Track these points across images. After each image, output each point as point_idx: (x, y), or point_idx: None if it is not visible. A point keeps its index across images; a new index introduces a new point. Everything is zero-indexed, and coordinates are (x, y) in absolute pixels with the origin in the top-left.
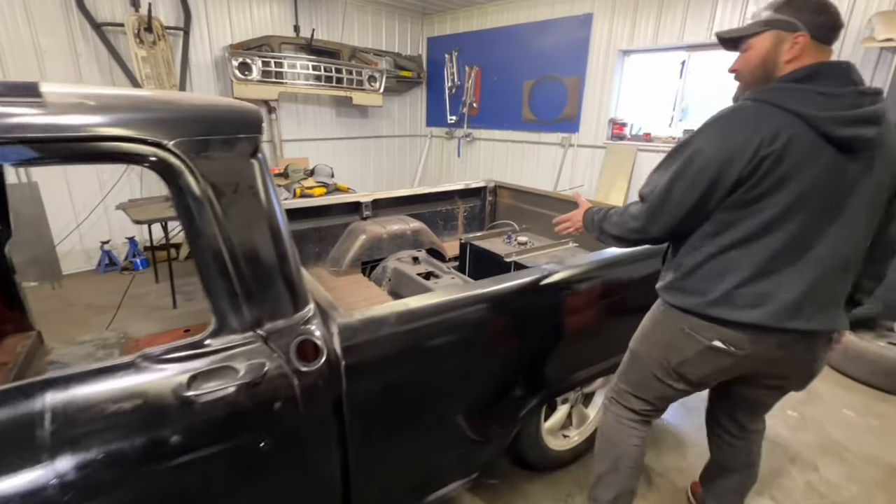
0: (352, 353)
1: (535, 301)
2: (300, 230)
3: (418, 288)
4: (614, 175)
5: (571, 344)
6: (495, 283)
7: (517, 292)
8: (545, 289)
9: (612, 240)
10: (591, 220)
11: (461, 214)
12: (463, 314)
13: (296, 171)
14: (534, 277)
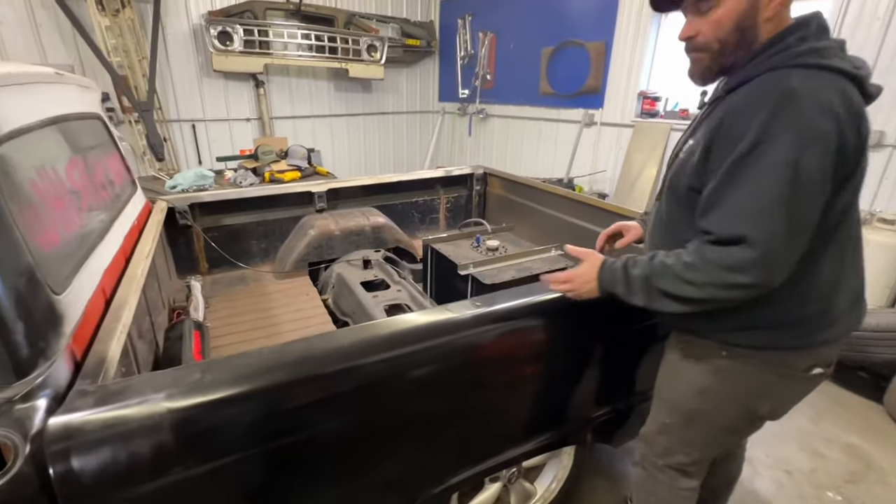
0: (68, 463)
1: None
2: (241, 224)
3: (355, 303)
4: (643, 159)
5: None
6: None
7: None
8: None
9: (684, 304)
10: (621, 280)
11: (443, 206)
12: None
13: (267, 153)
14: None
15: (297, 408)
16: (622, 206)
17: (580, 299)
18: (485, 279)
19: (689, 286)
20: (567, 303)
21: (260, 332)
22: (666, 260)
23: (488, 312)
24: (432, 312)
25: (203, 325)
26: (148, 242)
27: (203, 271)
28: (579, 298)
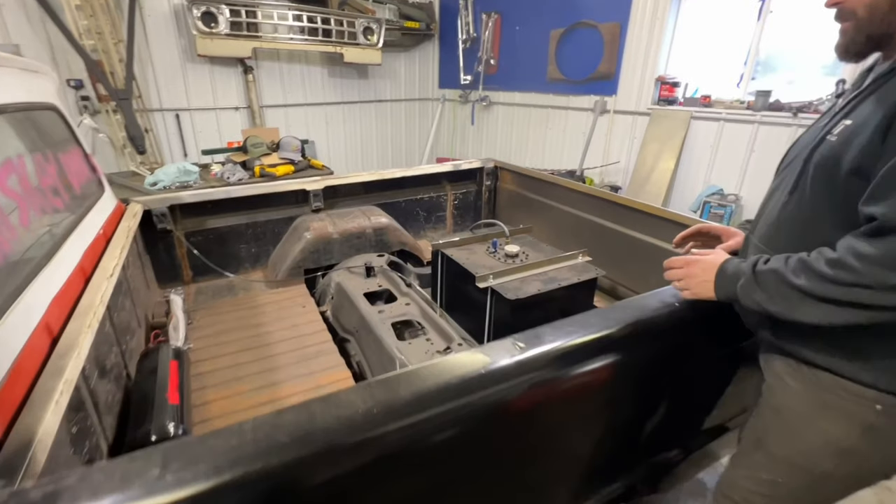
0: None
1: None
2: (228, 226)
3: (357, 318)
4: (659, 149)
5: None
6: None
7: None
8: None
9: (828, 311)
10: (747, 274)
11: (450, 204)
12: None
13: (257, 145)
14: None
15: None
16: (659, 207)
17: (692, 297)
18: (507, 293)
19: (836, 286)
20: (635, 330)
21: (250, 353)
22: (805, 256)
23: (541, 356)
24: (470, 358)
25: (183, 351)
26: (115, 256)
27: (187, 280)
28: (692, 297)
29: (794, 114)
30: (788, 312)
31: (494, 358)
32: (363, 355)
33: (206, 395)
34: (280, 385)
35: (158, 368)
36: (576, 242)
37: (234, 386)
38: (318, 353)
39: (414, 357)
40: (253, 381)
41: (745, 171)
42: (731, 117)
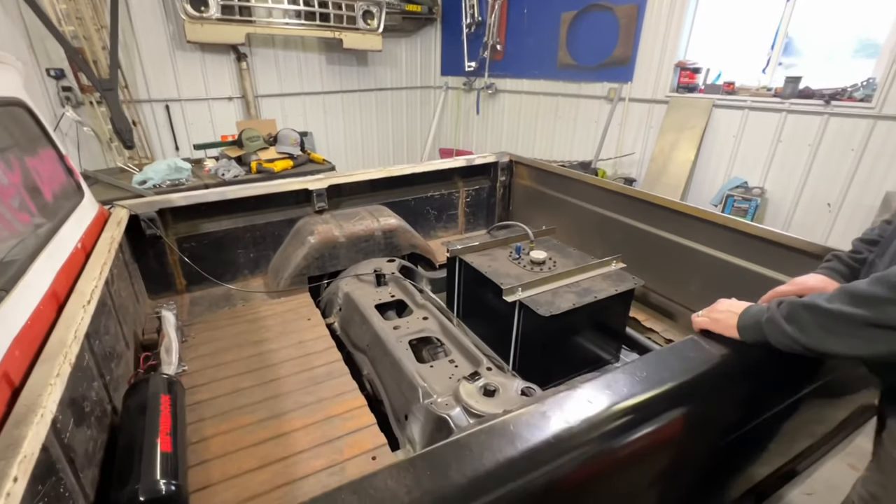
0: None
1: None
2: (224, 230)
3: (370, 335)
4: (678, 140)
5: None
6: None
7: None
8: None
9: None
10: (772, 314)
11: (462, 201)
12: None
13: (253, 139)
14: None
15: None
16: (699, 208)
17: (715, 329)
18: (539, 308)
19: (874, 307)
20: (710, 376)
21: (251, 377)
22: (828, 297)
23: (616, 413)
24: (530, 420)
25: (176, 382)
26: (95, 275)
27: (180, 289)
28: (714, 328)
29: (826, 101)
30: (820, 343)
31: (562, 417)
32: (377, 375)
33: (204, 430)
34: (286, 416)
35: (148, 407)
36: (601, 244)
37: (234, 417)
38: (327, 374)
39: (438, 383)
40: (256, 411)
41: (770, 162)
42: (757, 105)
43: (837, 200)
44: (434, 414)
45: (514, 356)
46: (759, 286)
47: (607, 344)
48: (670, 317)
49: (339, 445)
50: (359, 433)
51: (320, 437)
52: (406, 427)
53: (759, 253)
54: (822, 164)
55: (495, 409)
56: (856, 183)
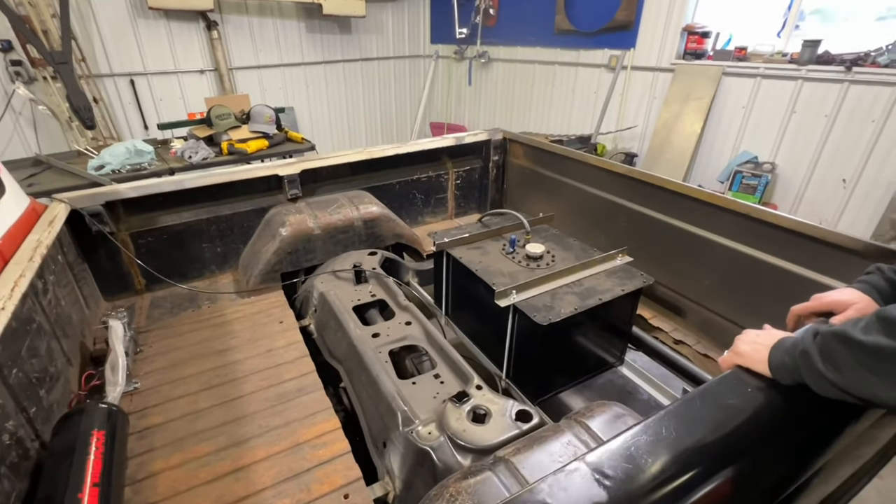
0: None
1: None
2: (184, 223)
3: (346, 344)
4: (683, 111)
5: None
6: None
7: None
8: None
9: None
10: (805, 348)
11: (451, 184)
12: None
13: (223, 117)
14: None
15: None
16: (714, 193)
17: (742, 363)
18: (536, 315)
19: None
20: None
21: (212, 395)
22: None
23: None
24: None
25: (115, 412)
26: (4, 292)
27: (139, 289)
28: (741, 361)
29: (847, 68)
30: (862, 386)
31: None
32: (355, 392)
33: (153, 464)
34: (249, 444)
35: (76, 449)
36: (603, 232)
37: (189, 446)
38: (298, 390)
39: (421, 406)
40: (214, 437)
41: (782, 135)
42: (771, 73)
43: (853, 176)
44: (415, 446)
45: (507, 363)
46: (781, 284)
47: (611, 346)
48: (679, 313)
49: (307, 481)
50: (330, 464)
51: (286, 471)
52: (385, 455)
53: (784, 246)
54: (838, 137)
55: (485, 440)
56: (875, 157)
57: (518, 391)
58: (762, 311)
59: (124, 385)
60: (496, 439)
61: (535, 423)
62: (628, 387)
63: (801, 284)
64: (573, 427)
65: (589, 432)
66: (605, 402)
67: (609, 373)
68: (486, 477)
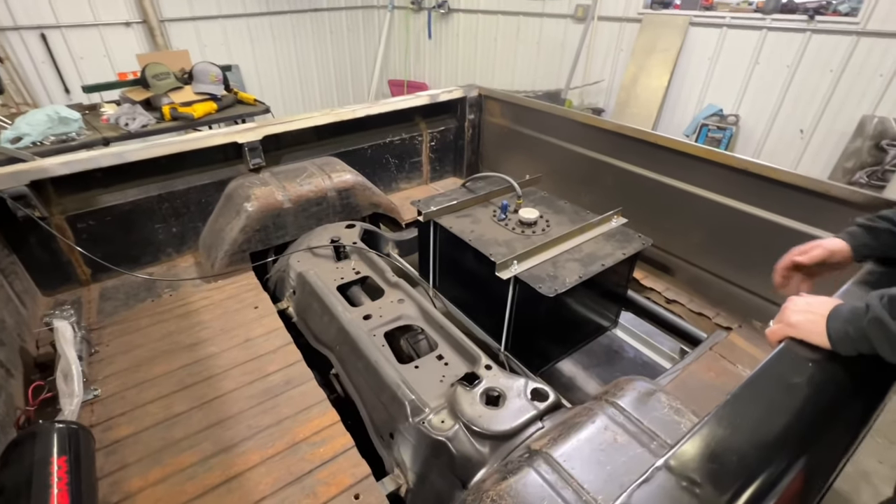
0: None
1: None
2: (131, 202)
3: (335, 329)
4: (650, 64)
5: None
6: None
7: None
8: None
9: None
10: (875, 314)
11: (426, 146)
12: None
13: (161, 77)
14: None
15: None
16: (697, 145)
17: (796, 335)
18: (541, 286)
19: None
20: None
21: (187, 396)
22: None
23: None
24: None
25: (77, 429)
26: None
27: (84, 281)
28: (794, 333)
29: (809, 16)
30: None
31: None
32: (349, 380)
33: (128, 483)
34: (239, 449)
35: (33, 484)
36: (589, 192)
37: (169, 458)
38: (286, 383)
39: (428, 392)
40: (197, 445)
41: (745, 87)
42: (736, 22)
43: (810, 126)
44: (430, 437)
45: (507, 336)
46: (774, 237)
47: (608, 310)
48: (669, 272)
49: (311, 484)
50: (334, 463)
51: (285, 475)
52: (393, 447)
53: (774, 199)
54: (798, 88)
55: (503, 425)
56: (830, 107)
57: (519, 364)
58: (753, 266)
59: (82, 395)
60: (515, 423)
61: (552, 402)
62: (614, 346)
63: (792, 238)
64: (605, 408)
65: (624, 413)
66: (629, 377)
67: (605, 338)
68: (527, 475)
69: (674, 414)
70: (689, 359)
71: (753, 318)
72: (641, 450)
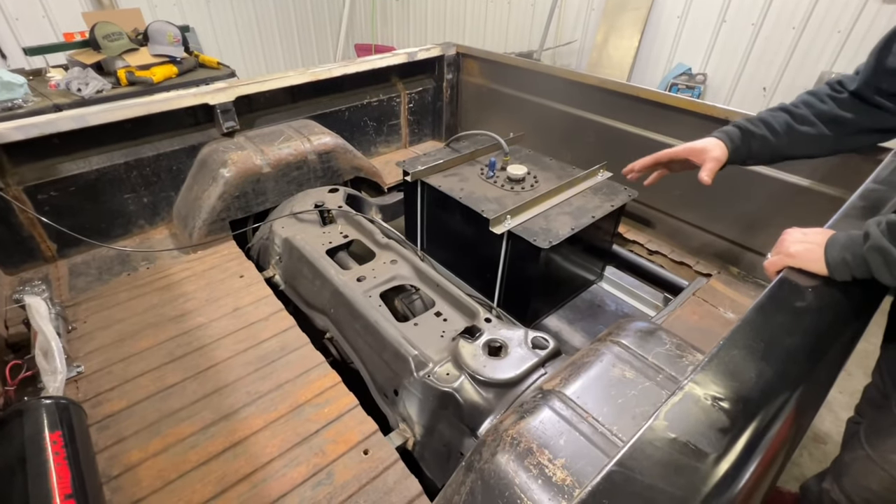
0: None
1: None
2: (97, 170)
3: (329, 292)
4: (619, 23)
5: None
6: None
7: None
8: None
9: None
10: (876, 252)
11: (405, 107)
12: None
13: (113, 37)
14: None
15: None
16: (677, 97)
17: (796, 264)
18: (536, 238)
19: None
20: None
21: (180, 367)
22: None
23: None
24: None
25: (67, 403)
26: None
27: (49, 257)
28: (795, 263)
29: None
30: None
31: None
32: (346, 341)
33: (127, 455)
34: (240, 415)
35: (27, 461)
36: (570, 149)
37: (167, 429)
38: (281, 348)
39: (430, 346)
40: (197, 414)
41: (713, 45)
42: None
43: (773, 84)
44: (436, 390)
45: (499, 293)
46: (748, 186)
47: (594, 265)
48: (650, 225)
49: (319, 443)
50: (340, 422)
51: (292, 436)
52: (398, 403)
53: None
54: (762, 45)
55: (507, 373)
56: (792, 65)
57: (512, 319)
58: (730, 215)
59: (66, 370)
60: (518, 370)
61: (553, 349)
62: (596, 300)
63: (766, 184)
64: (611, 347)
65: (629, 351)
66: (629, 318)
67: (591, 293)
68: (543, 413)
69: (675, 349)
70: (674, 304)
71: (730, 265)
72: (649, 383)
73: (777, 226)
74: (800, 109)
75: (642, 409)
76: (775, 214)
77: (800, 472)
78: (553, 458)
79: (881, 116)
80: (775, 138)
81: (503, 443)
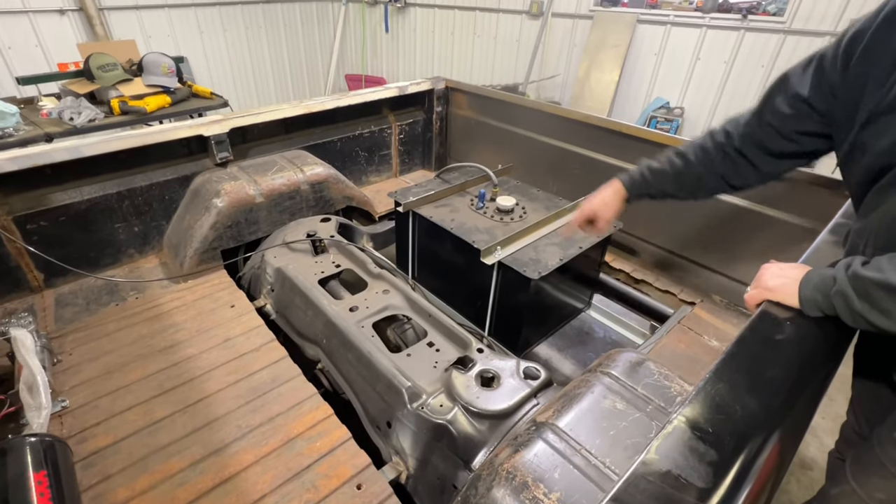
0: None
1: None
2: (89, 200)
3: (322, 323)
4: (600, 58)
5: None
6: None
7: None
8: None
9: None
10: (841, 287)
11: (395, 138)
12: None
13: (107, 68)
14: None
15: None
16: (659, 133)
17: (773, 297)
18: (526, 269)
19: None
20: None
21: (168, 400)
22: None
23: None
24: None
25: (53, 441)
26: None
27: (37, 287)
28: (771, 296)
29: (743, 16)
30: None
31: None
32: (339, 372)
33: (114, 494)
34: (230, 450)
35: (11, 500)
36: (556, 180)
37: (156, 465)
38: (273, 380)
39: (423, 377)
40: (186, 450)
41: (688, 81)
42: (679, 20)
43: None
44: (430, 421)
45: (490, 322)
46: (731, 218)
47: (582, 293)
48: (635, 255)
49: (311, 478)
50: (332, 455)
51: (284, 472)
52: (391, 435)
53: None
54: (734, 81)
55: (500, 404)
56: None
57: (503, 348)
58: (711, 245)
59: (51, 406)
60: (511, 401)
61: (545, 380)
62: (584, 328)
63: (747, 218)
64: (601, 378)
65: (619, 382)
66: (618, 349)
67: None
68: (537, 446)
69: (663, 380)
70: (660, 332)
71: (713, 293)
72: (639, 414)
73: (755, 255)
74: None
75: (633, 441)
76: (753, 244)
77: (788, 500)
78: (548, 493)
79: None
80: (674, 174)
81: (499, 477)
